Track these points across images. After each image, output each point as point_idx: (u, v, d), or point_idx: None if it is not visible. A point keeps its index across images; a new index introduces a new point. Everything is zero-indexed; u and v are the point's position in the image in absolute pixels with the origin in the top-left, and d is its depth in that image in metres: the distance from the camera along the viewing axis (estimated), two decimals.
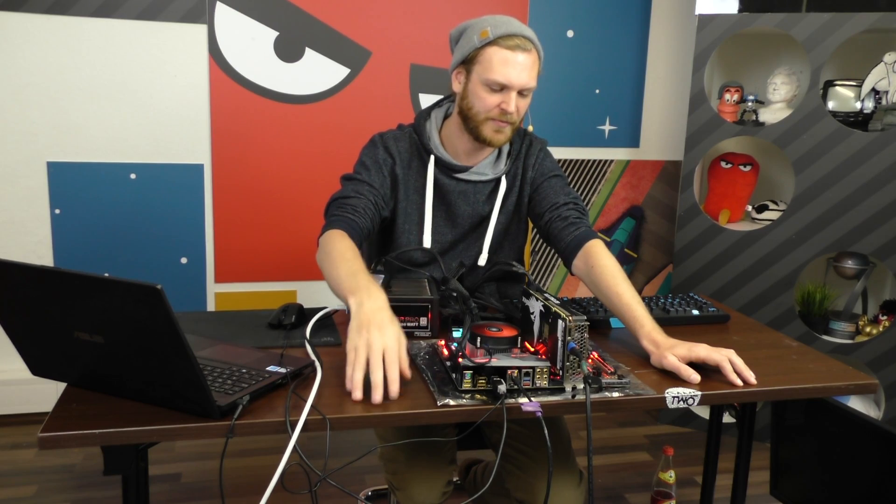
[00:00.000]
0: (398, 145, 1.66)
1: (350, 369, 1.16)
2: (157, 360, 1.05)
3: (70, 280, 1.02)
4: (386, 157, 1.64)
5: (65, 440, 1.03)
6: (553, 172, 1.69)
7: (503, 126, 1.55)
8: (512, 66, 1.49)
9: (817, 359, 1.43)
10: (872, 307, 2.83)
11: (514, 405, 1.15)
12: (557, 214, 1.61)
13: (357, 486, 2.28)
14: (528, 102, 1.56)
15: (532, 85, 1.53)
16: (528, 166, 1.69)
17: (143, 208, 2.73)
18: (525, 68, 1.50)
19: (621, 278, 1.43)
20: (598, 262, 1.48)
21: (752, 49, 2.91)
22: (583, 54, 3.03)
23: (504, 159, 1.68)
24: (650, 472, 2.48)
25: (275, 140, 2.79)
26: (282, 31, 2.72)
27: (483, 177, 1.66)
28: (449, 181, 1.65)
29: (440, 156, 1.64)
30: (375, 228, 1.60)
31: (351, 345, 1.18)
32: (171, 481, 2.34)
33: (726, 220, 2.81)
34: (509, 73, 1.49)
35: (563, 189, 1.67)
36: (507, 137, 1.59)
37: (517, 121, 1.57)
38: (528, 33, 1.52)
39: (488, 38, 1.50)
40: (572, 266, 1.56)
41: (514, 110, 1.53)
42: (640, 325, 1.37)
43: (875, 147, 2.49)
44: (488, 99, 1.52)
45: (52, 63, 2.58)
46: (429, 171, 1.64)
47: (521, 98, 1.54)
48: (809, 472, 1.49)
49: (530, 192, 1.70)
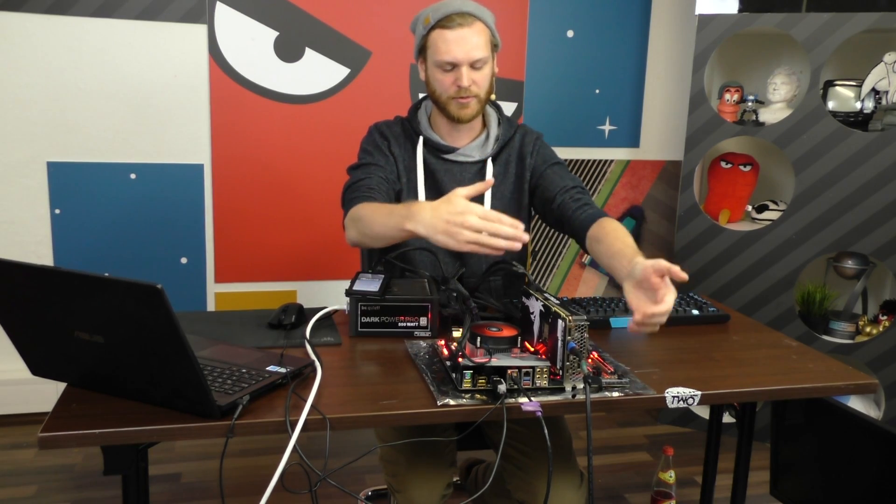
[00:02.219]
0: (391, 129, 1.75)
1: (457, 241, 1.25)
2: (157, 360, 1.05)
3: (70, 280, 1.02)
4: (381, 139, 1.73)
5: (65, 440, 1.03)
6: (554, 160, 1.74)
7: (465, 101, 1.61)
8: (454, 43, 1.56)
9: (817, 359, 1.43)
10: (872, 307, 2.83)
11: (514, 405, 1.16)
12: (570, 196, 1.66)
13: (357, 486, 2.28)
14: (486, 73, 1.61)
15: (479, 55, 1.57)
16: (525, 154, 1.74)
17: (143, 208, 2.73)
18: (468, 41, 1.56)
19: (629, 239, 1.44)
20: (611, 229, 1.50)
21: (752, 49, 2.91)
22: (583, 54, 3.03)
23: (492, 144, 1.72)
24: (650, 472, 2.48)
25: (275, 140, 2.79)
26: (282, 31, 2.72)
27: (469, 158, 1.71)
28: (437, 161, 1.71)
29: (428, 137, 1.71)
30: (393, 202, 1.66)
31: (438, 233, 1.27)
32: (171, 481, 2.34)
33: (726, 220, 2.81)
34: (452, 49, 1.56)
35: (569, 175, 1.73)
36: (475, 110, 1.63)
37: (480, 93, 1.61)
38: (468, 7, 1.58)
39: (430, 23, 1.59)
40: (587, 238, 1.57)
41: (470, 83, 1.58)
42: (622, 256, 1.36)
43: (875, 147, 2.49)
44: (444, 79, 1.60)
45: (52, 63, 2.58)
46: (418, 151, 1.71)
47: (475, 71, 1.59)
48: (809, 472, 1.49)
49: (534, 179, 1.74)
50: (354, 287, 1.46)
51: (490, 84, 1.64)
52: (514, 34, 2.94)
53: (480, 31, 1.58)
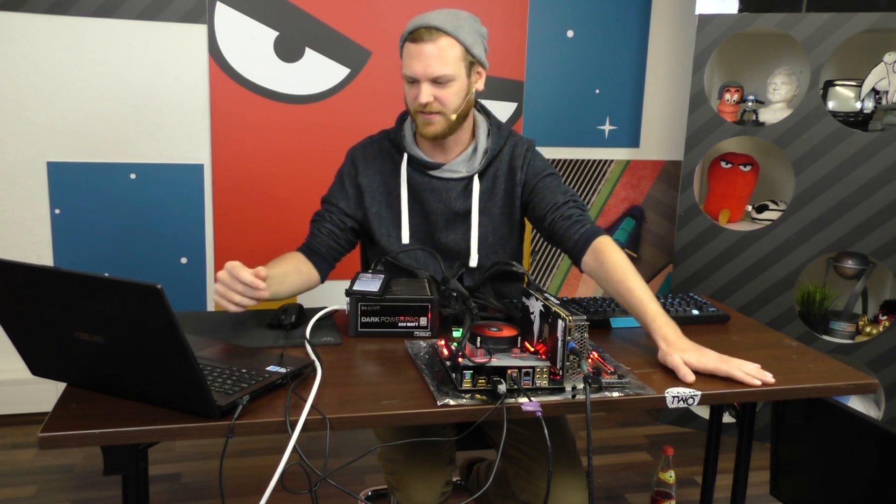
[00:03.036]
0: (365, 153, 1.70)
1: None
2: (157, 360, 1.05)
3: (70, 280, 1.02)
4: (350, 168, 1.70)
5: (65, 440, 1.03)
6: (546, 172, 1.67)
7: (429, 118, 1.55)
8: (416, 58, 1.51)
9: (817, 359, 1.43)
10: (872, 307, 2.83)
11: (514, 405, 1.15)
12: (560, 214, 1.60)
13: (357, 486, 2.28)
14: (454, 90, 1.53)
15: (442, 72, 1.50)
16: (515, 168, 1.66)
17: (143, 208, 2.73)
18: (430, 57, 1.50)
19: (632, 273, 1.43)
20: (609, 258, 1.47)
21: (752, 49, 2.91)
22: (583, 54, 3.03)
23: (480, 157, 1.66)
24: (650, 472, 2.48)
25: (275, 140, 2.79)
26: (282, 31, 2.72)
27: (456, 174, 1.65)
28: (422, 178, 1.66)
29: (413, 154, 1.65)
30: (346, 239, 1.70)
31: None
32: (171, 481, 2.34)
33: (726, 220, 2.81)
34: (413, 64, 1.52)
35: (560, 188, 1.65)
36: (441, 128, 1.56)
37: (444, 110, 1.54)
38: (437, 22, 1.51)
39: (403, 37, 1.56)
40: (582, 263, 1.55)
41: (430, 99, 1.52)
42: (652, 320, 1.37)
43: (875, 147, 2.49)
44: (409, 93, 1.58)
45: (52, 63, 2.58)
46: (402, 169, 1.66)
47: (438, 87, 1.52)
48: (809, 472, 1.49)
49: (525, 194, 1.67)
50: (354, 287, 1.46)
51: (462, 101, 1.56)
52: (514, 34, 2.94)
53: (447, 47, 1.50)
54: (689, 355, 1.31)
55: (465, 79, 1.55)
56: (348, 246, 1.72)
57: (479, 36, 1.57)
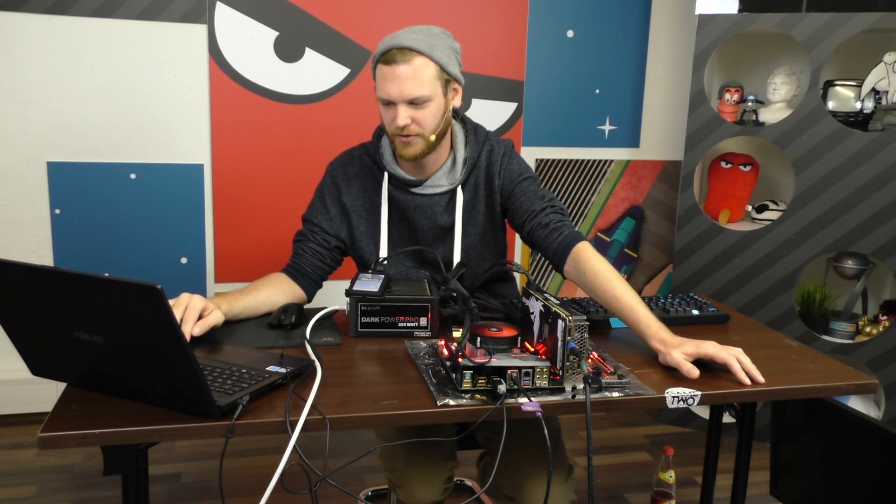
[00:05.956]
0: (346, 171, 1.67)
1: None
2: (157, 360, 1.05)
3: (70, 280, 1.02)
4: (332, 188, 1.67)
5: (65, 440, 1.03)
6: (522, 175, 1.63)
7: (407, 139, 1.52)
8: (389, 80, 1.48)
9: (817, 359, 1.43)
10: (872, 307, 2.83)
11: (514, 405, 1.16)
12: (537, 223, 1.57)
13: (357, 486, 2.28)
14: (431, 111, 1.51)
15: (418, 93, 1.47)
16: (492, 174, 1.63)
17: (143, 208, 2.73)
18: (404, 79, 1.46)
19: (616, 280, 1.42)
20: (590, 267, 1.46)
21: (752, 49, 2.91)
22: (583, 54, 3.03)
23: (460, 168, 1.63)
24: (650, 472, 2.48)
25: (275, 140, 2.79)
26: (282, 31, 2.72)
27: (438, 188, 1.63)
28: (405, 196, 1.63)
29: (393, 172, 1.62)
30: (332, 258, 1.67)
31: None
32: (171, 481, 2.34)
33: (726, 220, 2.81)
34: (388, 87, 1.48)
35: (537, 192, 1.61)
36: (420, 149, 1.54)
37: (422, 132, 1.52)
38: (410, 42, 1.47)
39: (375, 58, 1.52)
40: (564, 272, 1.54)
41: (407, 122, 1.49)
42: (646, 326, 1.37)
43: (875, 147, 2.49)
44: (385, 116, 1.54)
45: (52, 63, 2.58)
46: (383, 189, 1.63)
47: (415, 108, 1.49)
48: (809, 472, 1.49)
49: (503, 200, 1.65)
50: (354, 287, 1.46)
51: (440, 120, 1.53)
52: (514, 34, 2.94)
53: (422, 67, 1.47)
54: (688, 346, 1.32)
55: (442, 98, 1.53)
56: (334, 264, 1.69)
57: (452, 52, 1.55)
